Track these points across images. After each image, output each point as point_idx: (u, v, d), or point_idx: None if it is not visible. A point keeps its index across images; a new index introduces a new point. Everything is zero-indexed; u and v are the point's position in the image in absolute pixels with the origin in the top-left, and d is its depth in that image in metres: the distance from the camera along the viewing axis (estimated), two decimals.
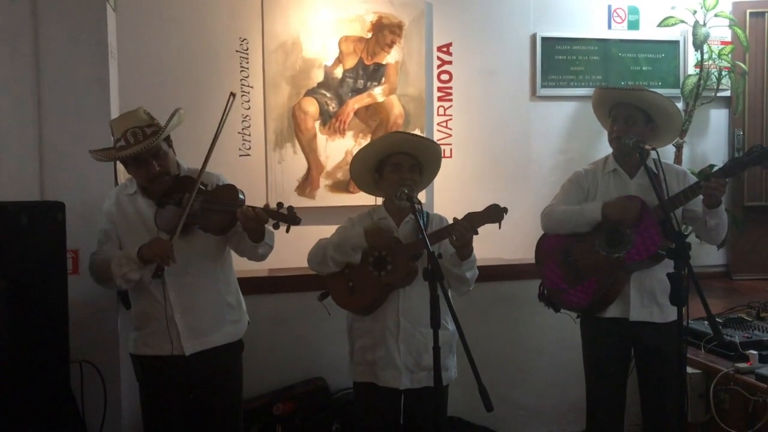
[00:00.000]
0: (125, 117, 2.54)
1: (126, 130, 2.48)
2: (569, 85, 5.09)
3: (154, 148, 2.49)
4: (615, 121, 2.91)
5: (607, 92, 3.00)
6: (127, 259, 2.49)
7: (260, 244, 2.53)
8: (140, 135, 2.48)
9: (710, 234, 2.86)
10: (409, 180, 2.68)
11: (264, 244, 2.55)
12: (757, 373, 3.09)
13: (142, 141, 2.47)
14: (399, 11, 4.59)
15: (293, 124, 4.46)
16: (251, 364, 2.88)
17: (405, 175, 2.69)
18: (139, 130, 2.48)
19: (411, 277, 2.64)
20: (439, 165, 2.85)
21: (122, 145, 2.49)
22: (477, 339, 2.78)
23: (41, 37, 2.94)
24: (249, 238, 2.49)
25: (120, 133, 2.50)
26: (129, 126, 2.49)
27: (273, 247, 2.63)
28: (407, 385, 2.67)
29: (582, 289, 2.90)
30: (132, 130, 2.48)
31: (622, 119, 2.88)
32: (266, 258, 2.64)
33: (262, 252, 2.58)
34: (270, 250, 2.62)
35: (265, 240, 2.53)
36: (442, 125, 4.77)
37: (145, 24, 4.16)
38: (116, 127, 2.53)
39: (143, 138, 2.47)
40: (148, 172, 2.51)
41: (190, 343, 2.58)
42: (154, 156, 2.51)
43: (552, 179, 4.71)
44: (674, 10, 5.09)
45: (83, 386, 2.74)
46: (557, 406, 3.81)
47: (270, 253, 2.63)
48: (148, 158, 2.50)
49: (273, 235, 2.61)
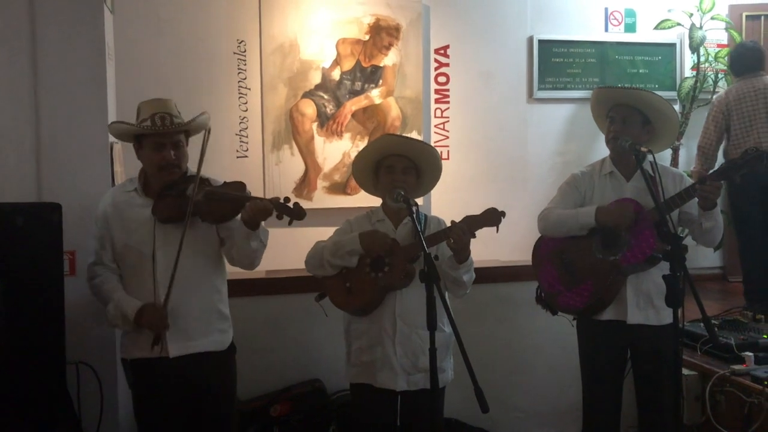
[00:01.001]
0: (157, 101, 2.59)
1: (155, 113, 2.53)
2: (566, 88, 5.10)
3: (176, 137, 2.55)
4: (612, 121, 2.92)
5: (607, 92, 3.00)
6: (123, 317, 2.53)
7: (254, 236, 2.53)
8: (168, 120, 2.53)
9: (706, 236, 2.86)
10: (401, 182, 2.69)
11: (257, 236, 2.55)
12: (752, 374, 3.10)
13: (170, 126, 2.52)
14: (396, 13, 4.59)
15: (291, 125, 4.46)
16: (248, 365, 2.88)
17: (397, 177, 2.70)
18: (168, 116, 2.54)
19: (408, 279, 2.64)
20: (440, 168, 2.85)
21: (148, 125, 2.52)
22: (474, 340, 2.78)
23: (38, 38, 2.94)
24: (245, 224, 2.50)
25: (148, 114, 2.54)
26: (159, 110, 2.54)
27: (266, 246, 2.63)
28: (404, 387, 2.67)
29: (578, 291, 2.90)
30: (161, 114, 2.53)
31: (619, 119, 2.89)
32: (258, 258, 2.63)
33: (255, 246, 2.57)
34: (263, 248, 2.62)
35: (258, 232, 2.53)
36: (439, 127, 4.77)
37: (142, 25, 4.16)
38: (145, 109, 2.57)
39: (170, 125, 2.53)
40: (164, 158, 2.54)
41: (175, 345, 2.56)
42: (173, 145, 2.56)
43: (549, 181, 4.72)
44: (671, 13, 5.11)
45: (80, 388, 2.74)
46: (554, 407, 3.82)
47: (262, 252, 2.63)
48: (168, 144, 2.55)
49: (267, 234, 2.61)
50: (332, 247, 2.70)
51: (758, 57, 4.71)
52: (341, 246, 2.69)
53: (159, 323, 2.48)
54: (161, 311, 2.48)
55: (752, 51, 4.73)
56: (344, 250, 2.68)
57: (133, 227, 2.59)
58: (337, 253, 2.68)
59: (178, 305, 2.56)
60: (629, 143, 2.78)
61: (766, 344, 3.34)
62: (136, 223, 2.59)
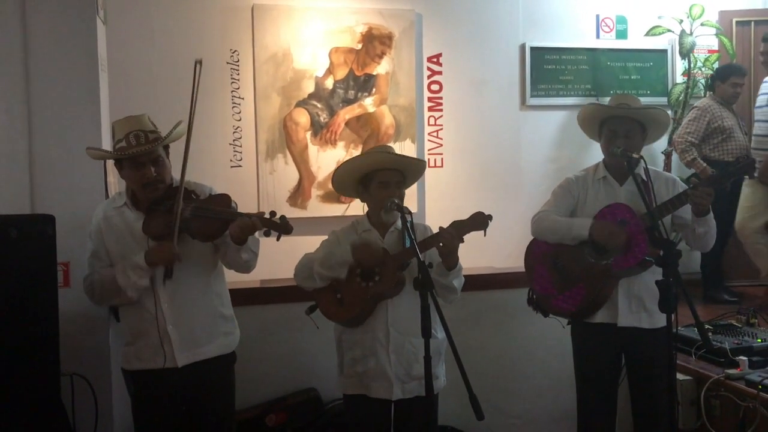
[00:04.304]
0: (130, 120, 2.57)
1: (129, 132, 2.51)
2: (558, 95, 5.13)
3: (154, 153, 2.53)
4: (614, 135, 2.89)
5: (607, 109, 2.97)
6: (133, 267, 2.50)
7: (243, 248, 2.53)
8: (143, 138, 2.51)
9: (699, 241, 2.89)
10: (396, 196, 2.69)
11: (247, 248, 2.55)
12: (747, 379, 3.10)
13: (144, 144, 2.50)
14: (389, 22, 4.61)
15: (284, 134, 4.47)
16: (244, 375, 2.87)
17: (392, 192, 2.70)
18: (143, 134, 2.52)
19: (399, 287, 2.64)
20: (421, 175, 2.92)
21: (123, 145, 2.51)
22: (469, 348, 2.79)
23: (31, 50, 2.94)
24: (233, 240, 2.50)
25: (123, 134, 2.52)
26: (133, 128, 2.52)
27: (257, 255, 2.63)
28: (399, 396, 2.67)
29: (570, 294, 2.91)
30: (135, 132, 2.51)
31: (622, 133, 2.88)
32: (252, 266, 2.64)
33: (246, 258, 2.58)
34: (255, 257, 2.63)
35: (248, 244, 2.53)
36: (432, 135, 4.79)
37: (135, 36, 4.17)
38: (119, 128, 2.55)
39: (145, 142, 2.51)
40: (144, 176, 2.53)
41: (183, 355, 2.57)
42: (153, 162, 2.54)
43: (542, 188, 4.72)
44: (661, 20, 5.14)
45: (74, 399, 2.73)
46: (550, 413, 3.81)
47: (255, 260, 2.64)
48: (147, 162, 2.53)
49: (258, 243, 2.61)
50: (322, 259, 2.69)
51: None
52: (331, 257, 2.69)
53: (170, 255, 2.47)
54: (170, 244, 2.46)
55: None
56: (335, 261, 2.67)
57: (127, 242, 2.59)
58: (326, 264, 2.67)
59: (181, 316, 2.57)
60: (620, 150, 2.79)
61: (761, 348, 3.34)
62: (130, 239, 2.59)
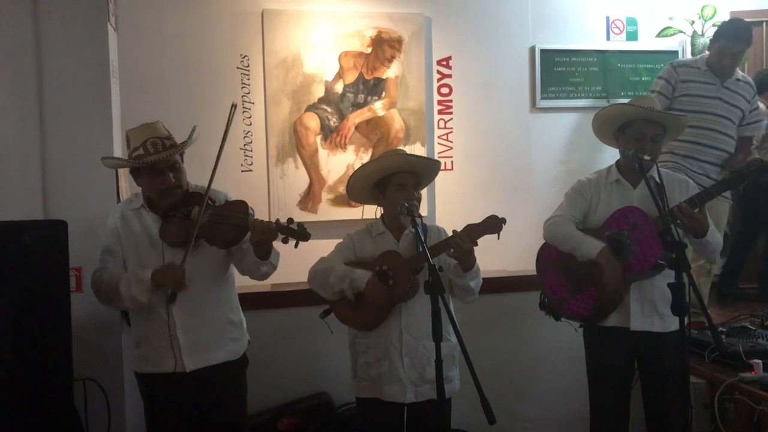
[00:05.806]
0: (145, 127, 2.58)
1: (146, 139, 2.53)
2: (569, 97, 5.10)
3: (171, 160, 2.54)
4: (640, 139, 2.85)
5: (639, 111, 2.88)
6: (138, 281, 2.50)
7: (264, 263, 2.54)
8: (160, 145, 2.53)
9: (702, 252, 2.95)
10: (413, 198, 2.69)
11: (268, 263, 2.57)
12: (761, 382, 3.08)
13: (162, 151, 2.51)
14: (398, 26, 4.61)
15: (294, 139, 4.47)
16: (255, 379, 2.88)
17: (410, 194, 2.70)
18: (159, 141, 2.54)
19: (413, 291, 2.65)
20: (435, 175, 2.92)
21: (140, 153, 2.52)
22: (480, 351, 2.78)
23: (43, 57, 2.97)
24: (255, 253, 2.51)
25: (139, 142, 2.53)
26: (149, 136, 2.54)
27: (276, 268, 2.65)
28: (412, 399, 2.67)
29: (582, 298, 2.90)
30: (152, 140, 2.53)
31: (649, 138, 2.85)
32: (268, 276, 2.66)
33: (265, 271, 2.60)
34: (273, 270, 2.65)
35: (270, 259, 2.55)
36: (442, 138, 4.78)
37: (145, 42, 4.19)
38: (135, 137, 2.56)
39: (162, 149, 2.52)
40: (163, 182, 2.54)
41: (192, 360, 2.58)
42: (170, 168, 2.55)
43: (553, 190, 4.72)
44: (672, 21, 5.11)
45: (87, 404, 2.75)
46: (562, 417, 3.80)
47: (273, 272, 2.66)
48: (165, 169, 2.54)
49: (278, 256, 2.62)
50: (341, 274, 2.68)
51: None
52: (348, 278, 2.66)
53: (176, 281, 2.46)
54: (180, 269, 2.46)
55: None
56: (349, 284, 2.65)
57: (144, 246, 2.60)
58: (342, 283, 2.66)
59: (190, 322, 2.58)
60: (632, 152, 2.78)
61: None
62: (146, 242, 2.61)
